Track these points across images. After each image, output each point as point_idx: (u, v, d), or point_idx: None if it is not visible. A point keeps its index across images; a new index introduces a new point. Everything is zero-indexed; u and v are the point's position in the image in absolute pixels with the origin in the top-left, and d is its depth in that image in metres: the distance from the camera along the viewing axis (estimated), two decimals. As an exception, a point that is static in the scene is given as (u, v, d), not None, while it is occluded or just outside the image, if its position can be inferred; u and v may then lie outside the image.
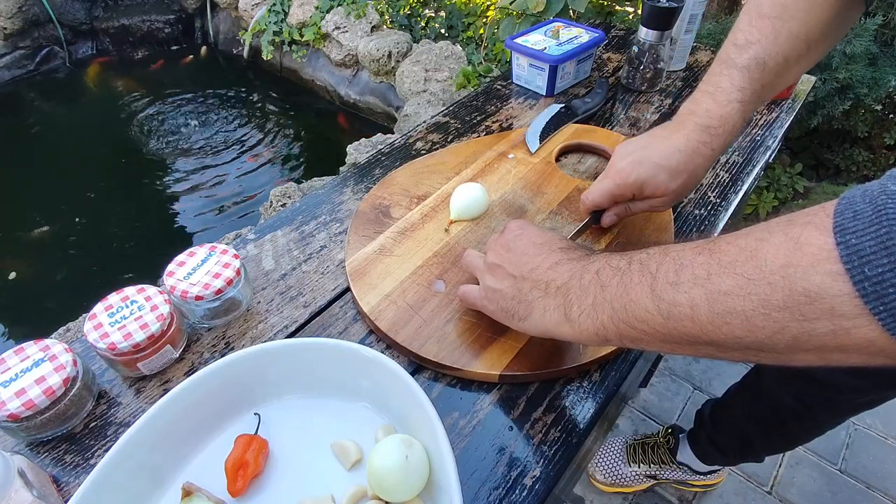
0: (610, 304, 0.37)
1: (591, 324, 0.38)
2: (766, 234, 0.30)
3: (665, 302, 0.33)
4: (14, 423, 0.43)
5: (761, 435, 0.93)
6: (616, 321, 0.37)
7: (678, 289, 0.33)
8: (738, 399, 0.96)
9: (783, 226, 0.30)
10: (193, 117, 2.63)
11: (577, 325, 0.39)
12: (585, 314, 0.39)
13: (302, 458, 0.45)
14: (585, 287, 0.39)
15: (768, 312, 0.29)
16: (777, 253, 0.29)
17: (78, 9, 3.04)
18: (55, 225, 2.11)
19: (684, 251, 0.34)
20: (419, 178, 0.71)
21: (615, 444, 1.18)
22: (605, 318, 0.38)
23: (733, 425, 0.98)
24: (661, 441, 1.13)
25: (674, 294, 0.33)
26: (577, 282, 0.40)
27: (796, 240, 0.28)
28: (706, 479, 1.12)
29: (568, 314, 0.40)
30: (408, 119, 2.02)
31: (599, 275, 0.39)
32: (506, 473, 0.44)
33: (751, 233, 0.31)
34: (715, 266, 0.31)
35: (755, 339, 0.30)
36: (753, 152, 0.77)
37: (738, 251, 0.31)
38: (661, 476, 1.13)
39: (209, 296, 0.51)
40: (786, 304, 0.28)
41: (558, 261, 0.43)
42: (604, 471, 1.15)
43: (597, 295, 0.38)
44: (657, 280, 0.34)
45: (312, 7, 2.57)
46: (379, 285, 0.57)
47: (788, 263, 0.28)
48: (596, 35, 0.90)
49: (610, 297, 0.37)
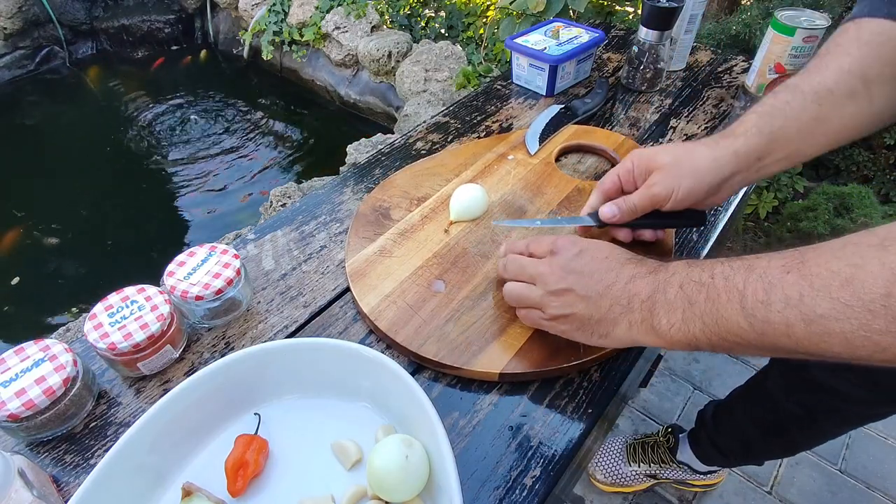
0: (700, 318, 0.38)
1: (683, 336, 0.39)
2: (859, 259, 0.31)
3: (758, 320, 0.35)
4: (14, 423, 0.43)
5: (762, 439, 0.92)
6: (708, 334, 0.38)
7: (770, 308, 0.34)
8: (742, 402, 0.95)
9: (877, 252, 0.31)
10: (193, 117, 2.63)
11: (668, 337, 0.40)
12: (676, 328, 0.39)
13: (302, 458, 0.45)
14: (671, 301, 0.40)
15: (869, 335, 0.30)
16: (876, 282, 0.30)
17: (78, 9, 3.04)
18: (55, 225, 2.11)
19: (770, 268, 0.35)
20: (419, 180, 0.71)
21: (615, 444, 1.18)
22: (696, 331, 0.38)
23: (735, 428, 0.97)
24: (661, 440, 1.13)
25: (766, 313, 0.34)
26: (661, 296, 0.40)
27: (893, 269, 0.30)
28: (706, 479, 1.12)
29: (656, 327, 0.41)
30: (408, 119, 2.02)
31: (684, 289, 0.39)
32: (506, 473, 0.44)
33: (840, 256, 0.32)
34: (807, 288, 0.32)
35: (855, 356, 0.32)
36: (753, 152, 0.77)
37: (832, 275, 0.32)
38: (661, 475, 1.13)
39: (209, 296, 0.51)
40: (888, 329, 0.30)
41: (634, 275, 0.43)
42: (604, 470, 1.15)
43: (685, 310, 0.39)
44: (746, 298, 0.35)
45: (312, 7, 2.57)
46: (379, 286, 0.57)
47: (889, 293, 0.30)
48: (596, 35, 0.90)
49: (700, 312, 0.38)
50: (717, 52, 1.01)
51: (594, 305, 0.44)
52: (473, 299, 0.55)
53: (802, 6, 1.37)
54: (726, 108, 0.86)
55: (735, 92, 0.90)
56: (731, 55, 1.00)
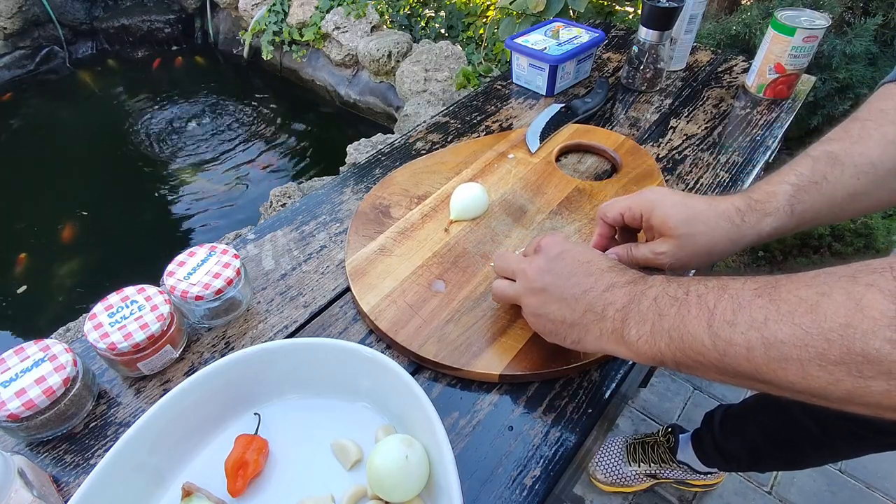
0: (668, 332, 0.37)
1: (649, 349, 0.39)
2: (827, 288, 0.31)
3: (721, 340, 0.34)
4: (14, 423, 0.43)
5: (772, 451, 0.90)
6: (673, 350, 0.37)
7: (734, 329, 0.34)
8: (755, 411, 0.93)
9: (846, 283, 0.30)
10: (193, 117, 2.63)
11: (636, 349, 0.40)
12: (643, 340, 0.39)
13: (302, 458, 0.45)
14: (643, 313, 0.39)
15: (824, 365, 0.30)
16: (837, 311, 0.29)
17: (78, 9, 3.04)
18: (54, 225, 2.11)
19: (743, 290, 0.35)
20: (419, 178, 0.71)
21: (615, 444, 1.18)
22: (662, 345, 0.38)
23: (744, 436, 0.95)
24: (661, 440, 1.13)
25: (730, 333, 0.34)
26: (635, 306, 0.40)
27: (858, 301, 0.29)
28: (706, 479, 1.12)
29: (626, 338, 0.40)
30: (408, 119, 2.02)
31: (657, 302, 0.39)
32: (506, 473, 0.44)
33: (811, 284, 0.32)
34: (773, 312, 0.32)
35: (809, 387, 0.31)
36: (753, 152, 0.77)
37: (798, 301, 0.31)
38: (662, 475, 1.13)
39: (209, 296, 0.51)
40: (842, 360, 0.29)
41: (612, 283, 0.42)
42: (604, 470, 1.15)
43: (655, 322, 0.38)
44: (714, 316, 0.35)
45: (312, 7, 2.57)
46: (379, 285, 0.57)
47: (848, 324, 0.29)
48: (596, 35, 0.90)
49: (668, 326, 0.37)
50: (717, 52, 1.01)
51: (568, 308, 0.43)
52: (474, 299, 0.55)
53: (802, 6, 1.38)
54: (726, 108, 0.86)
55: (735, 92, 0.90)
56: (731, 55, 1.00)
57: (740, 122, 0.83)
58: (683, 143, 0.79)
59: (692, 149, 0.78)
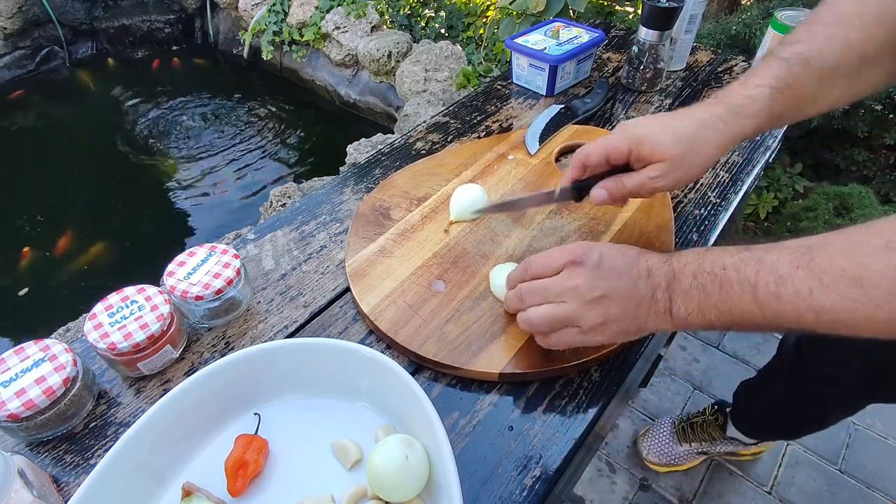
0: (716, 307, 0.41)
1: (700, 322, 0.42)
2: (866, 260, 0.35)
3: (770, 310, 0.38)
4: (14, 423, 0.43)
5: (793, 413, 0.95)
6: (724, 320, 0.41)
7: (781, 300, 0.37)
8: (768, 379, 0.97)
9: (883, 254, 0.34)
10: (193, 117, 2.63)
11: (686, 323, 0.43)
12: (693, 315, 0.42)
13: (302, 458, 0.45)
14: (688, 291, 0.42)
15: (872, 325, 0.35)
16: (882, 283, 0.34)
17: (78, 9, 3.04)
18: (54, 225, 2.11)
19: (779, 262, 0.38)
20: (419, 180, 0.71)
21: (663, 427, 1.21)
22: (712, 317, 0.41)
23: (765, 404, 1.00)
24: (710, 419, 1.16)
25: (778, 304, 0.38)
26: (678, 285, 0.43)
27: None
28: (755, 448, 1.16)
29: (675, 315, 0.43)
30: (408, 119, 2.02)
31: (698, 279, 0.42)
32: (506, 473, 0.44)
33: (848, 255, 0.36)
34: (816, 283, 0.36)
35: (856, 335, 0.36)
36: (753, 152, 0.77)
37: (840, 273, 0.35)
38: (712, 451, 1.17)
39: (209, 296, 0.51)
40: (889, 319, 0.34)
41: (650, 267, 0.44)
42: (657, 453, 1.19)
43: (701, 300, 0.41)
44: (758, 290, 0.38)
45: (312, 7, 2.57)
46: (379, 286, 0.57)
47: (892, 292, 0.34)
48: (596, 35, 0.90)
49: (715, 301, 0.41)
50: (717, 52, 1.01)
51: (630, 304, 0.44)
52: (473, 299, 0.55)
53: (802, 6, 1.38)
54: (726, 108, 0.86)
55: (735, 92, 0.90)
56: (731, 55, 1.00)
57: (740, 122, 0.83)
58: (683, 143, 0.79)
59: (692, 149, 0.78)
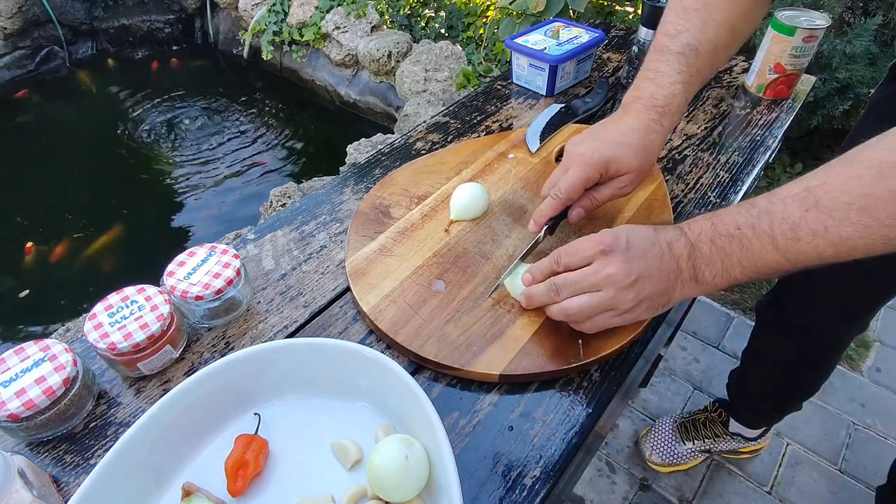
0: (739, 264, 0.44)
1: (725, 281, 0.46)
2: (868, 189, 0.38)
3: (792, 253, 0.42)
4: (14, 423, 0.43)
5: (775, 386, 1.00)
6: (748, 274, 0.45)
7: (800, 242, 0.41)
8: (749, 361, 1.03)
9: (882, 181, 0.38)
10: (193, 117, 2.63)
11: (712, 286, 0.47)
12: (718, 276, 0.46)
13: (302, 458, 0.45)
14: (708, 255, 0.46)
15: (888, 241, 0.39)
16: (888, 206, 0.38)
17: (78, 9, 3.04)
18: (54, 224, 2.11)
19: (787, 210, 0.42)
20: (419, 178, 0.71)
21: (665, 426, 1.21)
22: (737, 273, 0.45)
23: (750, 384, 1.05)
24: (713, 416, 1.17)
25: (798, 247, 0.41)
26: (698, 252, 0.46)
27: None
28: (754, 445, 1.18)
29: (700, 280, 0.47)
30: (408, 119, 2.02)
31: (716, 243, 0.45)
32: (506, 473, 0.44)
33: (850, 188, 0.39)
34: (828, 219, 0.40)
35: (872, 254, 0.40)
36: (753, 152, 0.77)
37: (847, 206, 0.39)
38: (715, 448, 1.17)
39: (209, 296, 0.51)
40: None
41: (669, 241, 0.47)
42: (660, 453, 1.18)
43: (724, 261, 0.45)
44: (777, 239, 0.42)
45: (312, 7, 2.57)
46: (379, 285, 0.57)
47: None
48: (596, 35, 0.90)
49: (737, 259, 0.44)
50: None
51: (660, 281, 0.47)
52: (474, 299, 0.55)
53: (802, 6, 1.38)
54: (726, 108, 0.86)
55: (735, 92, 0.90)
56: (731, 55, 1.00)
57: (740, 122, 0.83)
58: (683, 143, 0.79)
59: (692, 149, 0.78)
